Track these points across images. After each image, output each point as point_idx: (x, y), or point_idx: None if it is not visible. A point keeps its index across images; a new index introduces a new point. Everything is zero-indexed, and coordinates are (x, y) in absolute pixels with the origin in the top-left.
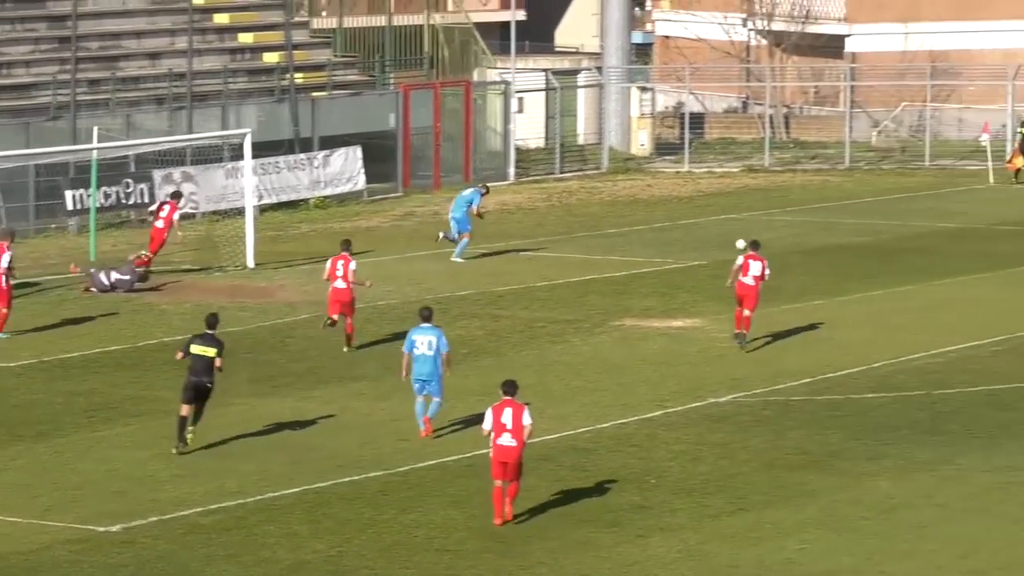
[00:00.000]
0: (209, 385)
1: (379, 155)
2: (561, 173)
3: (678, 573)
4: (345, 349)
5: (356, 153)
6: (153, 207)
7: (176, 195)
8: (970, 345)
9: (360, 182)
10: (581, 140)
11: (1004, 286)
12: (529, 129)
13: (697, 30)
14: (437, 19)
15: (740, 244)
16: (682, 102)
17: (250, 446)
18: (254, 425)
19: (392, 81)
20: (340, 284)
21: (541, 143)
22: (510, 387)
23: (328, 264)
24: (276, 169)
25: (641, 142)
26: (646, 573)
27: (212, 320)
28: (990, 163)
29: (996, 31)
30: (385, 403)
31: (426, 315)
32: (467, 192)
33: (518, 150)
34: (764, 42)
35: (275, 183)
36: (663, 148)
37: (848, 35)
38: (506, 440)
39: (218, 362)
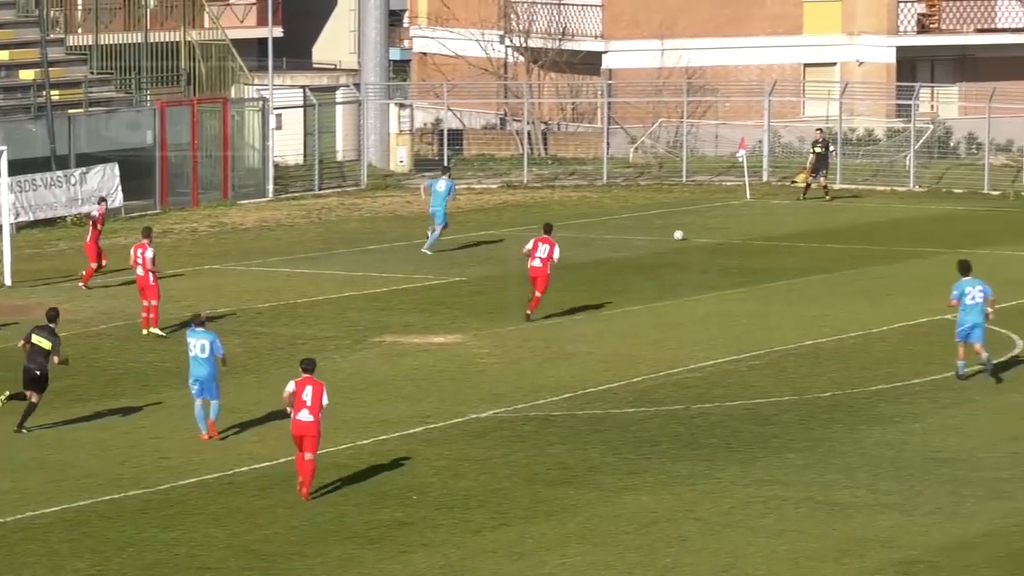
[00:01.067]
0: (38, 373)
1: (136, 172)
2: (320, 190)
3: None
4: (144, 332)
5: (113, 170)
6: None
7: (101, 200)
8: (728, 359)
9: (118, 199)
10: (340, 157)
11: (761, 301)
12: (287, 146)
13: (454, 47)
14: (194, 36)
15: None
16: (440, 119)
17: (8, 464)
18: (12, 443)
19: (149, 98)
20: (139, 271)
21: (300, 160)
22: (309, 364)
23: (131, 252)
24: (33, 186)
25: (400, 158)
26: None
27: (52, 314)
28: (747, 179)
29: (751, 47)
30: (145, 421)
31: (199, 320)
32: (440, 186)
33: (276, 167)
34: (521, 59)
35: (32, 200)
36: (422, 164)
37: (605, 52)
38: (304, 416)
39: (55, 358)
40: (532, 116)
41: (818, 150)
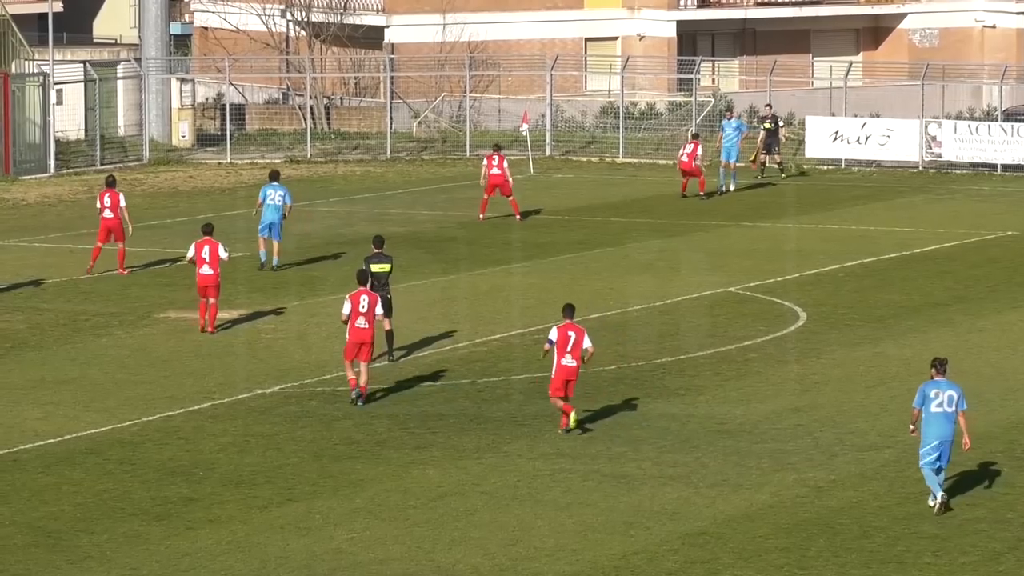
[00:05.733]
0: (389, 296)
1: None
2: (102, 165)
3: (227, 565)
4: None
5: None
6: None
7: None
8: (514, 333)
9: None
10: (122, 132)
11: (545, 275)
12: (69, 121)
13: (236, 21)
14: None
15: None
16: (222, 93)
17: None
18: None
19: None
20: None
21: (81, 135)
22: (208, 228)
23: None
24: None
25: (182, 133)
26: (196, 565)
27: (379, 241)
28: (530, 153)
29: (533, 21)
30: None
31: None
32: (732, 126)
33: (58, 142)
34: (303, 33)
35: None
36: (205, 139)
37: (387, 26)
38: (205, 270)
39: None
40: (315, 90)
41: (767, 126)
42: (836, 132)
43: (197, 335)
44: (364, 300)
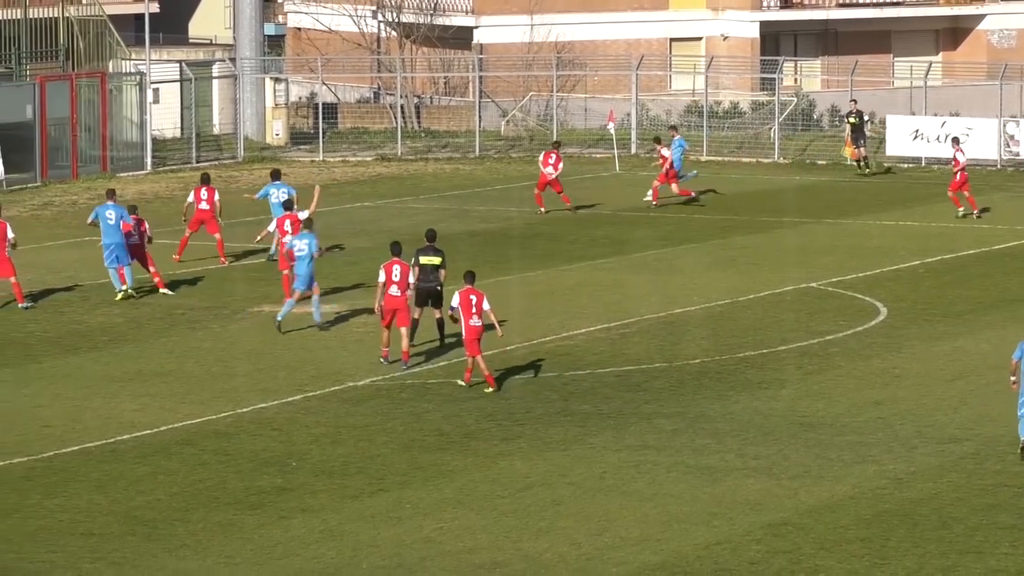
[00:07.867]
0: (438, 288)
1: (17, 146)
2: (198, 162)
3: (319, 553)
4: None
5: None
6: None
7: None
8: (599, 328)
9: None
10: (217, 130)
11: (630, 270)
12: (165, 119)
13: (328, 21)
14: (72, 12)
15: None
16: (315, 92)
17: None
18: None
19: (28, 73)
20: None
21: (177, 133)
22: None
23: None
24: None
25: (276, 132)
26: (289, 553)
27: (431, 234)
28: (616, 151)
29: (618, 22)
30: (27, 389)
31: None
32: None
33: (155, 140)
34: (394, 34)
35: None
36: (298, 137)
37: (476, 27)
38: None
39: (442, 274)
40: (405, 90)
41: (852, 120)
42: (916, 131)
43: (290, 328)
44: (396, 269)
